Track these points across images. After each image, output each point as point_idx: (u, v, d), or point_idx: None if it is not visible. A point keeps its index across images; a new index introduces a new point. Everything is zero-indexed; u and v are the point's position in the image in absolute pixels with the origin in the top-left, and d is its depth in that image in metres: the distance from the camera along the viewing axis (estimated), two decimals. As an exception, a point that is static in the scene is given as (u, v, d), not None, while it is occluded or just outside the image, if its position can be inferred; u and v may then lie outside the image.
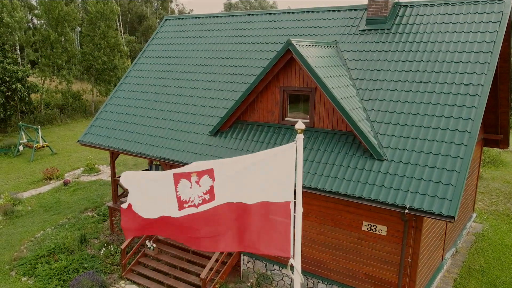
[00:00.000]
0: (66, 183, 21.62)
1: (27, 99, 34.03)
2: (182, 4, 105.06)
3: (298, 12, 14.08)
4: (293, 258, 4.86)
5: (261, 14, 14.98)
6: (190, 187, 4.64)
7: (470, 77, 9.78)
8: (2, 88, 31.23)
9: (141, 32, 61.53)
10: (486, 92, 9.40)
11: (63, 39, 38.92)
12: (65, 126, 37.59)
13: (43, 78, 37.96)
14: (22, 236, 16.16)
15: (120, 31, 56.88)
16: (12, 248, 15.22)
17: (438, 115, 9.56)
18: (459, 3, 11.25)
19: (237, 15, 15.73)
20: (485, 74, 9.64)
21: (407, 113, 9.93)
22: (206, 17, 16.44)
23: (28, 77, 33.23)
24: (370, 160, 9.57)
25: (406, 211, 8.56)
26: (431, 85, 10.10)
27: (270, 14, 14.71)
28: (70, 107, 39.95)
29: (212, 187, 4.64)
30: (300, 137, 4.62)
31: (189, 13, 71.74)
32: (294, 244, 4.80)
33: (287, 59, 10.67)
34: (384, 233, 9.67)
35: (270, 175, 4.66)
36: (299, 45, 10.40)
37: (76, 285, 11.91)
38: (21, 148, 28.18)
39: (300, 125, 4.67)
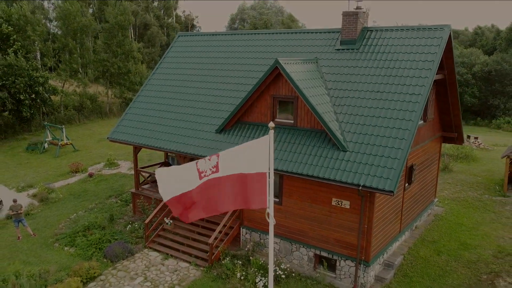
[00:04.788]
0: (90, 175, 24.87)
1: (48, 100, 37.38)
2: (190, 12, 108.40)
3: (287, 33, 17.21)
4: (268, 208, 7.94)
5: (258, 33, 18.11)
6: (205, 162, 7.72)
7: (413, 88, 12.84)
8: (28, 91, 34.66)
9: (147, 38, 65.03)
10: (423, 100, 12.46)
11: (79, 48, 42.28)
12: (83, 125, 40.93)
13: (63, 81, 41.33)
14: (59, 217, 19.35)
15: (135, 40, 60.26)
16: (51, 226, 18.40)
17: (388, 117, 12.63)
18: (412, 29, 14.32)
19: (238, 34, 18.89)
20: (424, 86, 12.70)
21: (366, 115, 13.00)
22: (213, 34, 19.61)
23: (47, 81, 36.59)
24: (337, 151, 12.65)
25: (360, 188, 11.64)
26: (385, 94, 13.17)
27: (265, 34, 17.84)
28: (87, 108, 43.28)
29: (217, 162, 7.70)
30: (271, 132, 7.68)
31: (193, 19, 75.31)
32: (268, 199, 7.86)
33: (276, 74, 13.77)
34: (348, 207, 12.75)
35: (253, 156, 7.71)
36: (285, 63, 13.50)
37: (110, 251, 15.08)
38: (46, 145, 31.47)
39: (271, 124, 7.74)
